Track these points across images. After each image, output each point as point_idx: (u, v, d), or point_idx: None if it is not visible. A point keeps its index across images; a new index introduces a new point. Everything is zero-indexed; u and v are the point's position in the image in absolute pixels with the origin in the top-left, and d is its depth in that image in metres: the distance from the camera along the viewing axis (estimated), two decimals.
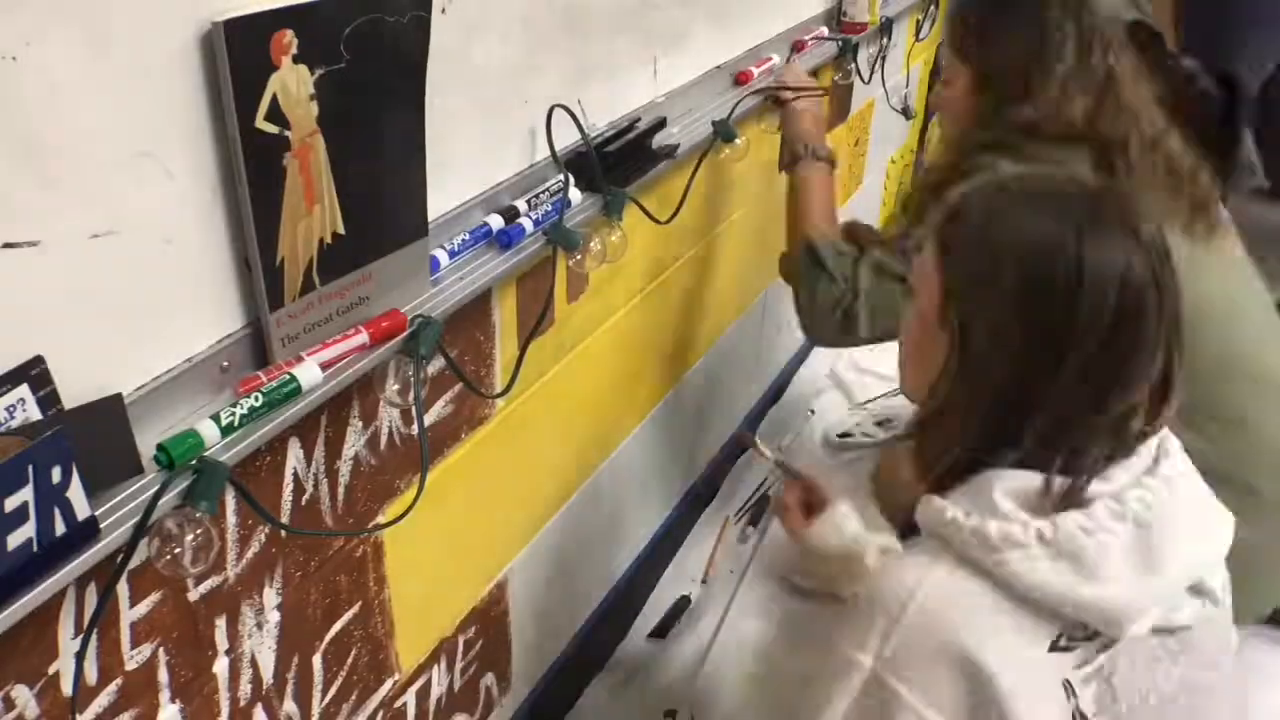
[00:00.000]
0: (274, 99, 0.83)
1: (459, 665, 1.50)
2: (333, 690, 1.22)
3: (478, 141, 1.19)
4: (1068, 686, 0.87)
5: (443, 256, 1.14)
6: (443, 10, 1.06)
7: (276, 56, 0.82)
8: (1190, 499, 0.92)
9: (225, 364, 0.92)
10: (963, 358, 0.92)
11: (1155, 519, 0.87)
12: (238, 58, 0.79)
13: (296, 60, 0.84)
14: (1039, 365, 0.88)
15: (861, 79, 2.41)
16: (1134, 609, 0.86)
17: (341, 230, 0.96)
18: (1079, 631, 0.87)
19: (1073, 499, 0.87)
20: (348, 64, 0.89)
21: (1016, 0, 1.55)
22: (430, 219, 1.15)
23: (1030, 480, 0.89)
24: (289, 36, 0.82)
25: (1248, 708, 1.03)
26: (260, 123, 0.83)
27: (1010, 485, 0.89)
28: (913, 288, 1.01)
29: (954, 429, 0.94)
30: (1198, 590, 0.93)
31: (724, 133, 1.67)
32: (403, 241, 1.05)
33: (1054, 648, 0.87)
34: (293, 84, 0.85)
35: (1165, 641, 0.92)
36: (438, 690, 1.46)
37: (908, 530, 1.06)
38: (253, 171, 0.84)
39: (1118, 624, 0.86)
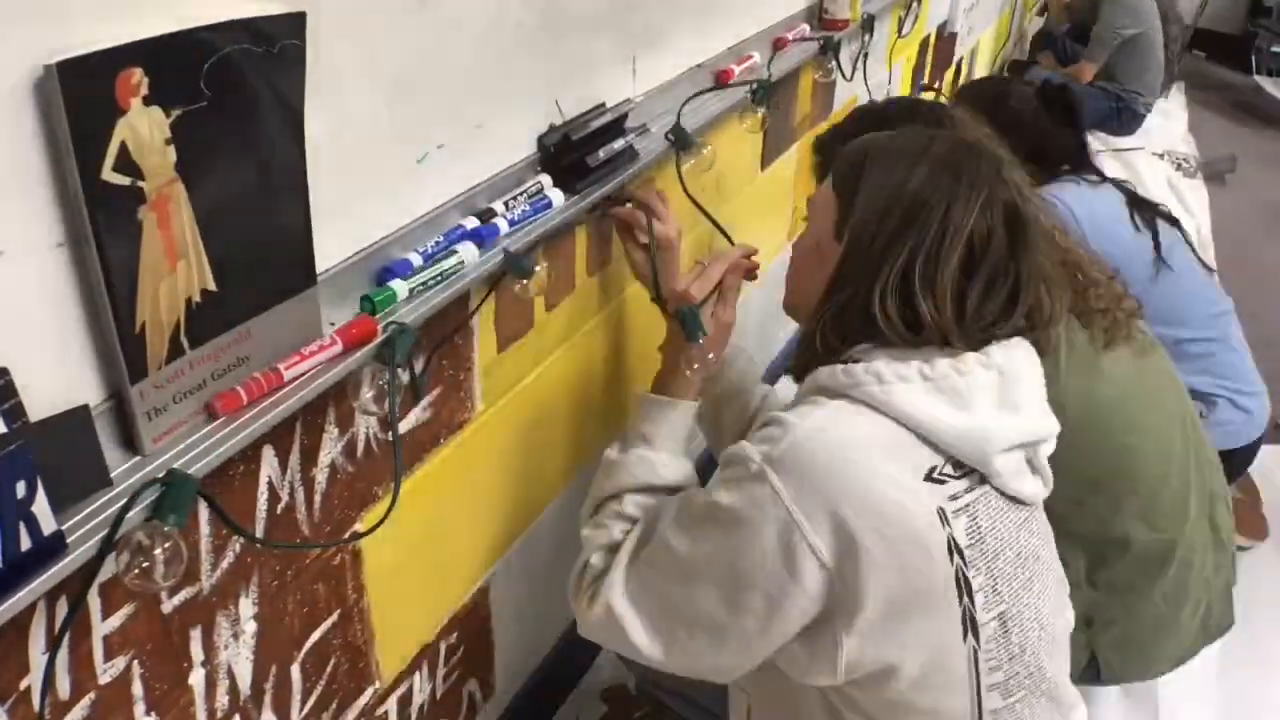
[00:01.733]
0: (123, 146, 0.74)
1: (440, 672, 1.49)
2: (312, 700, 1.21)
3: (450, 144, 1.18)
4: (941, 514, 1.00)
5: (416, 260, 1.13)
6: (422, 4, 1.06)
7: (123, 99, 0.73)
8: (1036, 371, 1.11)
9: None
10: (851, 259, 1.10)
11: (1012, 370, 1.04)
12: (76, 104, 0.70)
13: (148, 102, 0.75)
14: (915, 264, 1.06)
15: (844, 76, 2.41)
16: (999, 439, 1.02)
17: (213, 287, 0.87)
18: (951, 468, 1.02)
19: (943, 354, 1.05)
20: (210, 102, 0.79)
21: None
22: (406, 223, 1.14)
23: (909, 355, 1.05)
24: (137, 76, 0.73)
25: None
26: (107, 174, 0.74)
27: (892, 357, 1.05)
28: (808, 218, 1.22)
29: (844, 320, 1.10)
30: (1033, 467, 1.10)
31: (683, 142, 1.61)
32: (286, 293, 0.96)
33: (929, 477, 1.00)
34: (144, 128, 0.75)
35: (1012, 507, 1.07)
36: (419, 698, 1.45)
37: None
38: (101, 229, 0.75)
39: (984, 454, 1.01)
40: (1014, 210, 1.08)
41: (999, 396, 1.03)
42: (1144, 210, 2.12)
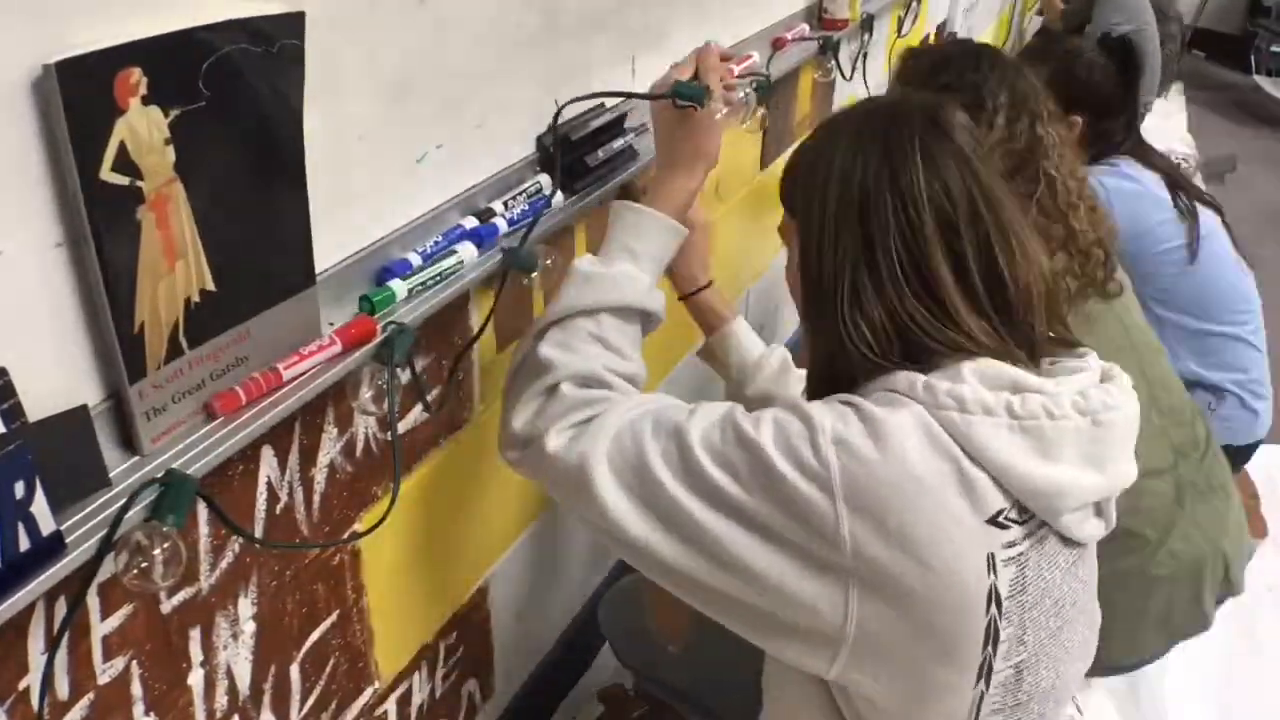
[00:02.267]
0: (121, 146, 0.74)
1: (440, 672, 1.49)
2: (311, 700, 1.21)
3: (449, 144, 1.18)
4: (990, 561, 0.90)
5: (415, 260, 1.13)
6: (421, 3, 1.06)
7: (122, 99, 0.73)
8: (1133, 418, 0.98)
9: None
10: (813, 288, 1.02)
11: (1109, 421, 0.93)
12: (75, 104, 0.70)
13: (147, 101, 0.74)
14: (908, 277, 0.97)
15: (843, 76, 2.41)
16: (1074, 497, 0.93)
17: (211, 287, 0.87)
18: (1016, 513, 0.92)
19: (1036, 388, 0.93)
20: (208, 102, 0.79)
21: (959, 65, 1.64)
22: (405, 222, 1.14)
23: (994, 366, 0.94)
24: (136, 76, 0.73)
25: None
26: (106, 174, 0.74)
27: (975, 366, 0.93)
28: (782, 235, 1.14)
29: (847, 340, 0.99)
30: (1100, 511, 0.99)
31: None
32: (286, 293, 0.96)
33: (992, 520, 0.91)
34: (143, 128, 0.75)
35: (1066, 551, 0.98)
36: (419, 698, 1.45)
37: None
38: (100, 229, 0.75)
39: (1058, 508, 0.92)
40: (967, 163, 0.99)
41: (1088, 450, 0.93)
42: (1188, 194, 2.12)
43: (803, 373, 1.39)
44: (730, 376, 1.48)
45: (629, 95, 1.31)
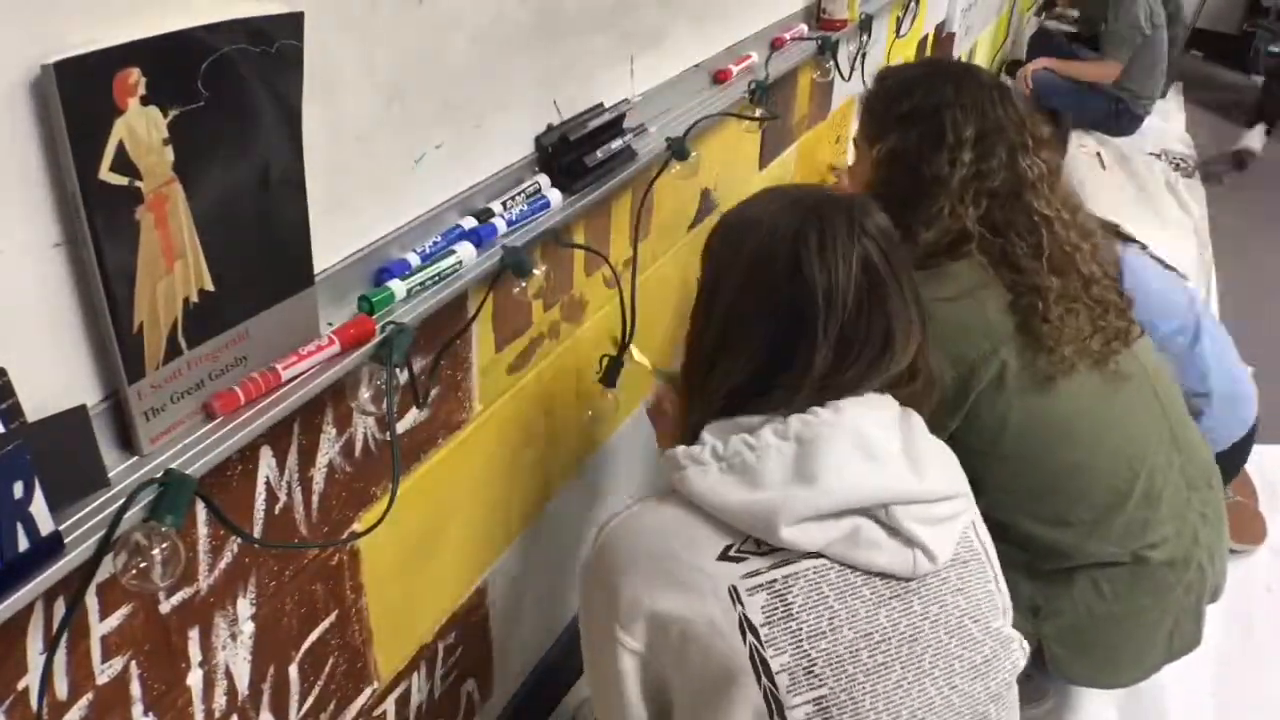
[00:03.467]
0: (120, 146, 0.74)
1: (439, 672, 1.49)
2: (310, 700, 1.21)
3: (448, 144, 1.18)
4: (733, 592, 0.97)
5: (414, 260, 1.13)
6: (420, 3, 1.06)
7: (121, 99, 0.73)
8: (857, 429, 1.01)
9: None
10: (706, 333, 1.11)
11: (813, 436, 0.99)
12: (74, 104, 0.70)
13: (145, 101, 0.74)
14: (752, 342, 1.06)
15: (842, 76, 2.41)
16: (786, 512, 0.96)
17: (210, 287, 0.87)
18: (751, 546, 0.99)
19: (744, 427, 1.03)
20: (207, 102, 0.79)
21: (924, 89, 1.54)
22: (403, 223, 1.14)
23: (733, 421, 1.05)
24: (135, 76, 0.73)
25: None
26: (105, 174, 0.74)
27: (714, 426, 1.06)
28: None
29: (704, 392, 1.10)
30: (897, 534, 0.99)
31: (677, 150, 1.60)
32: (284, 294, 0.96)
33: (723, 556, 0.98)
34: (142, 128, 0.75)
35: (871, 581, 1.00)
36: (418, 698, 1.45)
37: None
38: (98, 229, 0.75)
39: (770, 527, 0.97)
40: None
41: (794, 468, 0.98)
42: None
43: None
44: None
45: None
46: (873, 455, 1.00)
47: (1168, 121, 5.32)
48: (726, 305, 1.09)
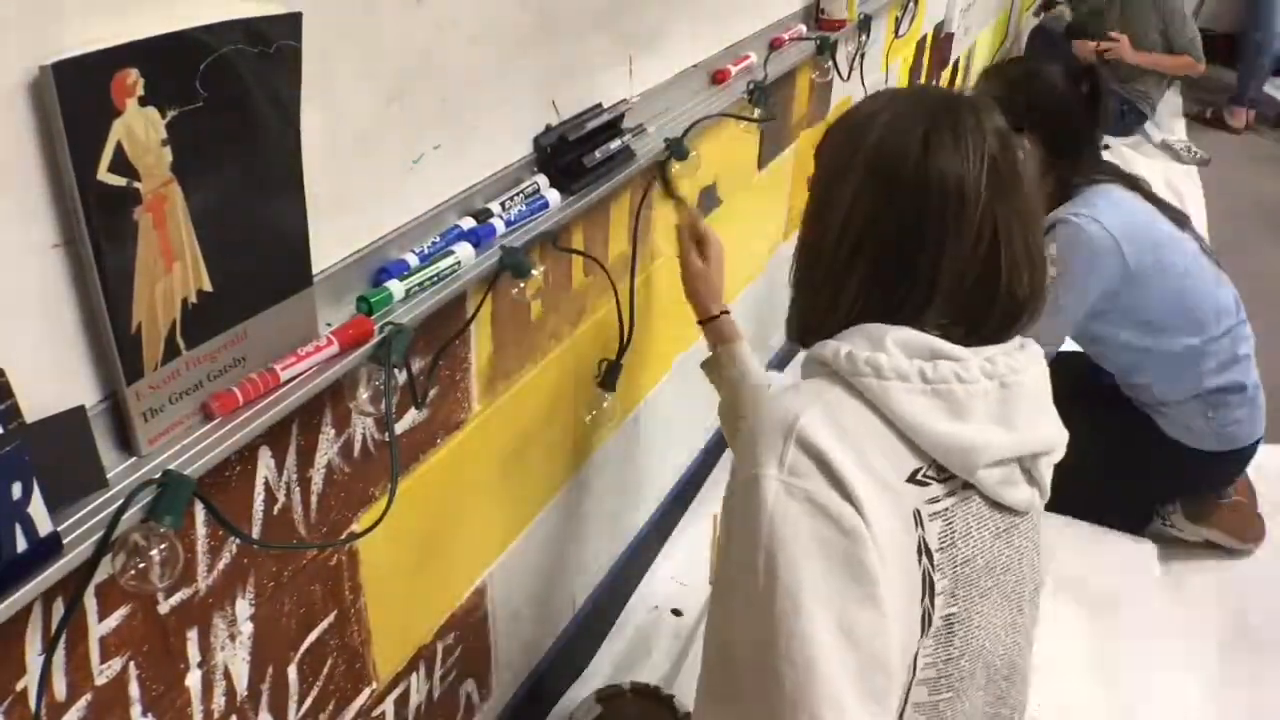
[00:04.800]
0: (119, 147, 0.74)
1: (438, 672, 1.49)
2: (308, 701, 1.21)
3: (446, 144, 1.18)
4: (917, 516, 0.97)
5: (412, 261, 1.13)
6: (418, 4, 1.06)
7: (119, 100, 0.73)
8: (1041, 382, 1.06)
9: None
10: (841, 240, 1.06)
11: (1015, 384, 1.01)
12: (72, 105, 0.70)
13: (144, 102, 0.74)
14: (893, 250, 1.03)
15: (840, 76, 2.41)
16: (986, 452, 0.99)
17: (208, 287, 0.87)
18: (934, 472, 0.99)
19: (950, 355, 1.00)
20: (205, 103, 0.79)
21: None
22: (402, 223, 1.14)
23: (915, 336, 1.01)
24: (133, 77, 0.73)
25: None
26: (103, 175, 0.74)
27: (900, 337, 1.01)
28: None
29: (835, 299, 1.08)
30: (1031, 477, 1.06)
31: (677, 151, 1.61)
32: (283, 294, 0.96)
33: (911, 479, 0.98)
34: (140, 129, 0.75)
35: (995, 515, 1.04)
36: (416, 698, 1.45)
37: None
38: (97, 230, 0.75)
39: (971, 463, 0.98)
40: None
41: (998, 410, 1.00)
42: (1164, 208, 2.13)
43: None
44: (729, 387, 1.62)
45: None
46: (1046, 410, 1.07)
47: (1169, 121, 5.32)
48: (849, 206, 1.05)
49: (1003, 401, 1.00)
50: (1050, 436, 1.06)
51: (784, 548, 0.91)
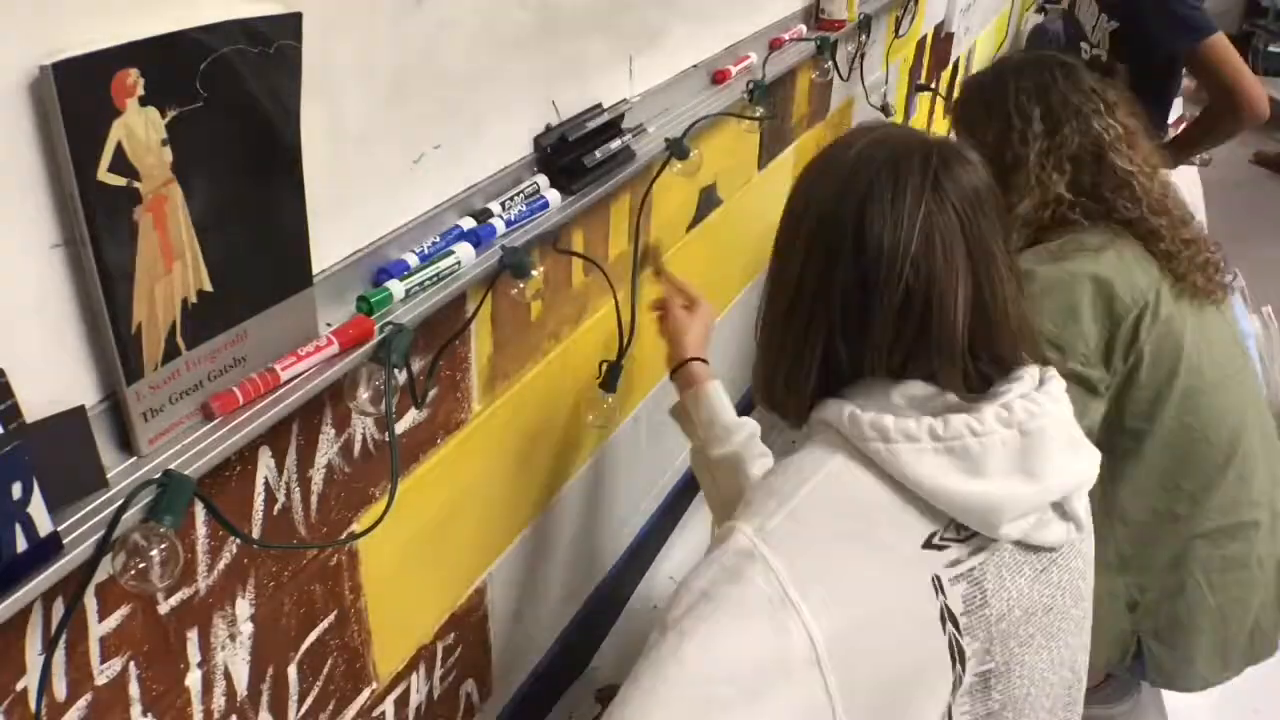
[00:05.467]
0: (119, 147, 0.74)
1: (438, 672, 1.49)
2: (309, 701, 1.21)
3: (447, 144, 1.18)
4: (936, 582, 0.91)
5: (413, 261, 1.13)
6: (418, 4, 1.06)
7: (119, 100, 0.73)
8: (1065, 421, 0.98)
9: None
10: (794, 307, 1.01)
11: (1037, 429, 0.93)
12: (72, 105, 0.69)
13: (144, 102, 0.74)
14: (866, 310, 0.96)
15: (840, 76, 2.41)
16: (1010, 509, 0.92)
17: (209, 288, 0.87)
18: (953, 533, 0.93)
19: (962, 407, 0.94)
20: (205, 103, 0.79)
21: (991, 88, 1.70)
22: (402, 223, 1.14)
23: (923, 389, 0.96)
24: (133, 77, 0.73)
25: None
26: (103, 175, 0.73)
27: (906, 391, 0.96)
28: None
29: (803, 360, 1.01)
30: (1064, 513, 0.99)
31: (677, 151, 1.60)
32: (283, 294, 0.96)
33: (927, 544, 0.92)
34: (140, 129, 0.75)
35: (1030, 557, 0.98)
36: (417, 698, 1.45)
37: None
38: (97, 230, 0.75)
39: (993, 522, 0.92)
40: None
41: (1018, 461, 0.92)
42: None
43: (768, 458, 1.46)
44: (697, 435, 1.50)
45: None
46: (1074, 446, 0.98)
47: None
48: (799, 275, 1.00)
49: (1024, 451, 0.92)
50: (1079, 473, 0.99)
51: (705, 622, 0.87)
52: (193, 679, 1.02)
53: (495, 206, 1.26)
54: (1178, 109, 4.62)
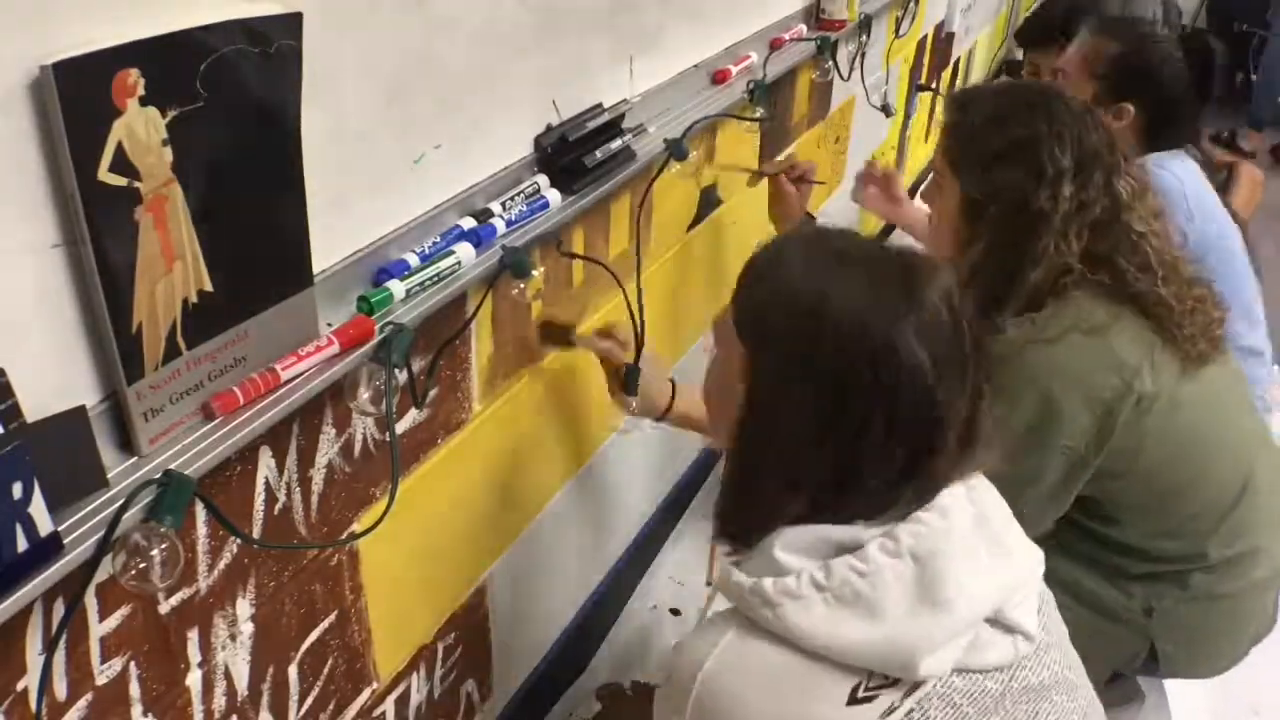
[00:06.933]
0: (119, 147, 0.74)
1: (438, 672, 1.49)
2: (309, 701, 1.21)
3: (447, 144, 1.18)
4: None
5: (413, 261, 1.13)
6: (419, 4, 1.06)
7: (120, 100, 0.73)
8: (972, 527, 0.89)
9: None
10: (750, 413, 0.94)
11: (930, 551, 0.85)
12: (73, 104, 0.70)
13: (144, 102, 0.74)
14: (810, 425, 0.89)
15: (841, 76, 2.40)
16: (922, 646, 0.84)
17: (209, 287, 0.87)
18: (879, 679, 0.85)
19: (852, 544, 0.87)
20: (206, 103, 0.79)
21: (1015, 121, 1.45)
22: (403, 223, 1.14)
23: (813, 532, 0.89)
24: (134, 77, 0.73)
25: None
26: (104, 175, 0.73)
27: (789, 539, 0.89)
28: (716, 337, 1.02)
29: (748, 488, 0.95)
30: (1004, 627, 0.90)
31: (676, 151, 1.60)
32: (284, 294, 0.95)
33: (853, 700, 0.84)
34: (141, 129, 0.75)
35: (981, 682, 0.89)
36: (417, 698, 1.45)
37: None
38: (98, 230, 0.75)
39: (909, 665, 0.84)
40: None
41: (918, 592, 0.85)
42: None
43: None
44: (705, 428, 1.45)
45: None
46: (987, 555, 0.89)
47: None
48: (765, 391, 0.93)
49: (919, 580, 0.85)
50: (1009, 582, 0.90)
51: None
52: (193, 679, 1.02)
53: (496, 206, 1.26)
54: None
